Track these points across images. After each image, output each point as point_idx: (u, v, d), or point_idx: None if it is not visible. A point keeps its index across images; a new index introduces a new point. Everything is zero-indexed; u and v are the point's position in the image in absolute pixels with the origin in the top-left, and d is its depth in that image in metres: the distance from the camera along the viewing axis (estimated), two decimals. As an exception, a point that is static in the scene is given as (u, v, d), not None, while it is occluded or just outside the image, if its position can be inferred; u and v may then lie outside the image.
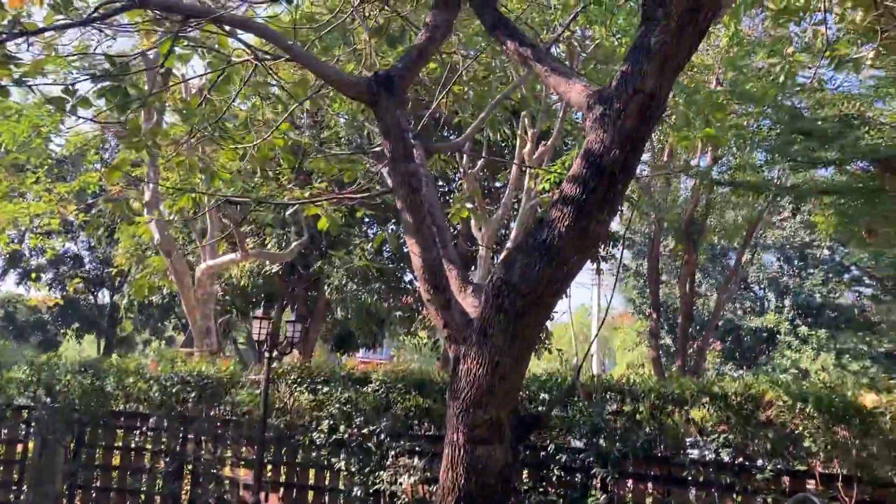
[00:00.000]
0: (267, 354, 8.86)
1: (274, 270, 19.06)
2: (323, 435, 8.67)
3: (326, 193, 8.85)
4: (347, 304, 18.97)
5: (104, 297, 32.41)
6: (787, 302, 37.46)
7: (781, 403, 6.55)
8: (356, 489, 8.47)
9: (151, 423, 9.91)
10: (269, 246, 19.17)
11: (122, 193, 15.17)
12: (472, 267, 17.72)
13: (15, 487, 10.12)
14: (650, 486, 7.39)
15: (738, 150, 13.95)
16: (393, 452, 8.31)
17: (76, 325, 32.47)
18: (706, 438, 6.90)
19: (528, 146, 14.45)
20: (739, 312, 39.96)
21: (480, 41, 9.33)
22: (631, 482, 7.42)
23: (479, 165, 16.89)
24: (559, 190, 4.89)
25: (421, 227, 5.43)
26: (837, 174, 14.67)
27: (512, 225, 17.34)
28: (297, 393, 8.87)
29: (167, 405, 9.36)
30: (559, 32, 7.97)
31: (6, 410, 10.17)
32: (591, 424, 7.25)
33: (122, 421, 10.06)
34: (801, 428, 6.47)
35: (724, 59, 14.25)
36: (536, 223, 5.14)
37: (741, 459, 6.84)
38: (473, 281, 6.13)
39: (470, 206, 15.67)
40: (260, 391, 8.89)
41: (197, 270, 14.74)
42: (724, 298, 24.27)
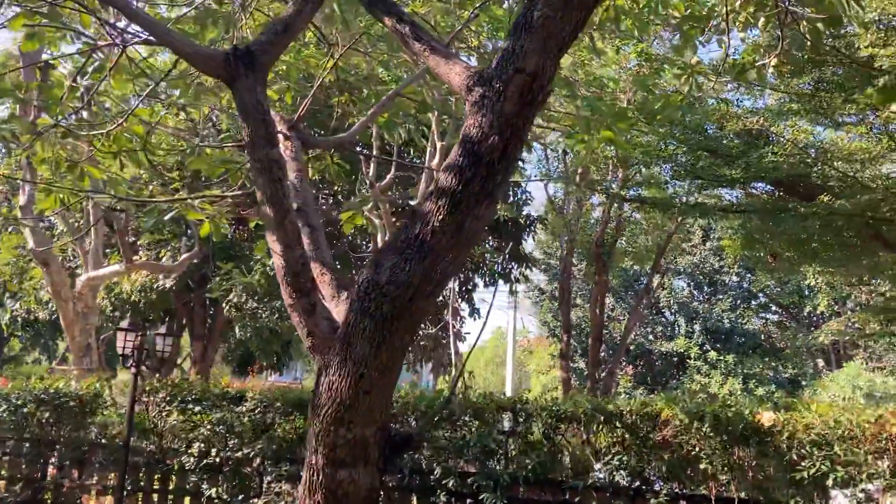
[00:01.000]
0: (133, 370, 8.02)
1: (168, 286, 17.97)
2: (193, 459, 7.87)
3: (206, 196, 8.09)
4: (246, 322, 18.04)
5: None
6: (696, 327, 38.08)
7: (678, 423, 6.19)
8: (229, 518, 7.71)
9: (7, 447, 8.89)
10: (164, 259, 18.11)
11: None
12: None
13: None
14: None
15: (644, 167, 13.88)
16: (269, 479, 7.60)
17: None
18: (602, 460, 6.46)
19: (436, 158, 13.99)
20: (651, 337, 40.48)
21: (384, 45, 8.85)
22: (523, 508, 6.92)
23: (388, 178, 16.36)
24: (434, 181, 4.38)
25: (283, 221, 4.83)
26: (745, 197, 14.75)
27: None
28: (165, 413, 8.06)
29: (19, 427, 8.38)
30: (457, 30, 7.52)
31: None
32: (481, 446, 6.73)
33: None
34: (696, 449, 6.10)
35: (633, 78, 14.15)
36: (409, 216, 4.65)
37: (638, 483, 6.42)
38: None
39: (377, 221, 15.13)
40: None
41: (77, 282, 13.66)
42: (633, 322, 24.29)
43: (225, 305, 18.51)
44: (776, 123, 11.13)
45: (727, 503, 6.05)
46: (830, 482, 5.34)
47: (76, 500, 8.79)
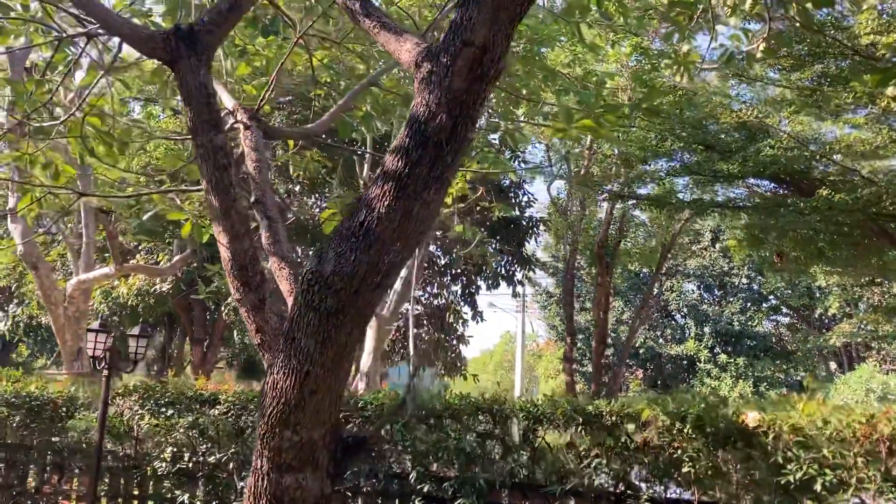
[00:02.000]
0: (105, 373, 7.77)
1: (164, 289, 17.77)
2: (166, 464, 7.60)
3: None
4: (244, 326, 17.79)
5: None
6: (706, 330, 37.61)
7: (660, 424, 5.86)
8: (204, 526, 7.44)
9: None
10: (162, 262, 17.91)
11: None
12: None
13: None
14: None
15: (642, 164, 13.55)
16: (243, 484, 7.31)
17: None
18: (583, 463, 6.14)
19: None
20: (661, 340, 40.03)
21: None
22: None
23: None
24: (381, 164, 4.10)
25: (229, 211, 4.57)
26: (749, 194, 14.39)
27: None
28: (137, 417, 7.81)
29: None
30: (434, 19, 7.25)
31: None
32: (456, 449, 6.42)
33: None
34: (679, 451, 5.77)
35: (631, 74, 13.85)
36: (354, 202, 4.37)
37: (621, 487, 6.09)
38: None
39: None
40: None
41: (68, 286, 13.46)
42: (637, 323, 23.91)
43: (224, 309, 18.31)
44: (771, 115, 10.77)
45: (712, 508, 5.73)
46: (819, 487, 5.00)
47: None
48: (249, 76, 8.32)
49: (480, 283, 24.11)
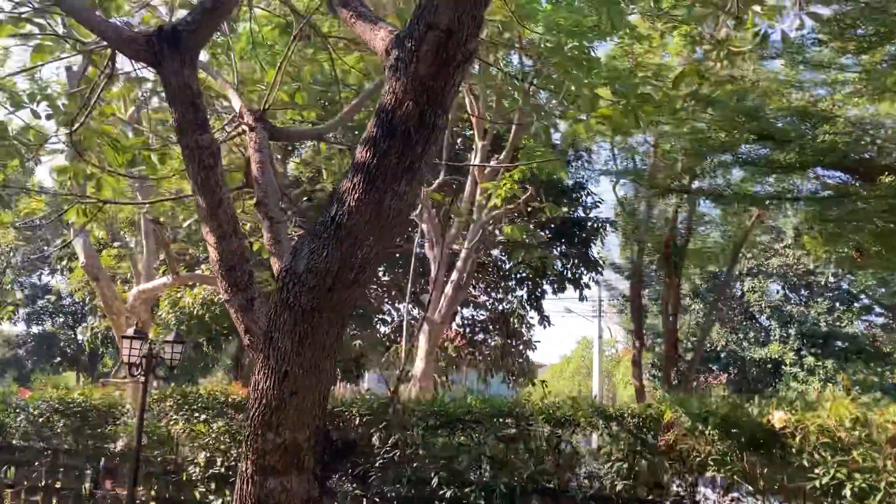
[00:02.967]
0: (142, 379, 7.90)
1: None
2: (199, 469, 7.66)
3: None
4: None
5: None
6: (791, 331, 36.01)
7: (683, 426, 5.52)
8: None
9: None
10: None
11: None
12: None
13: None
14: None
15: (700, 157, 12.96)
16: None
17: (57, 360, 31.65)
18: (603, 467, 5.85)
19: (476, 158, 13.57)
20: (745, 343, 38.54)
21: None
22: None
23: (438, 182, 16.03)
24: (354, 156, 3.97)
25: (216, 211, 4.53)
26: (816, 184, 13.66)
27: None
28: (171, 422, 7.90)
29: (41, 436, 8.39)
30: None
31: None
32: (475, 453, 6.23)
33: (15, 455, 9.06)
34: (703, 454, 5.42)
35: (686, 66, 13.35)
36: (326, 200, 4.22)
37: (645, 493, 5.77)
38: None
39: (425, 227, 14.80)
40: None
41: (129, 296, 13.85)
42: (707, 325, 23.06)
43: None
44: (826, 100, 10.13)
45: (740, 517, 5.35)
46: (847, 492, 4.59)
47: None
48: (281, 82, 8.35)
49: (546, 287, 23.73)
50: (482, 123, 13.37)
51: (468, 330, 24.86)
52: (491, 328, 24.02)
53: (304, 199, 18.77)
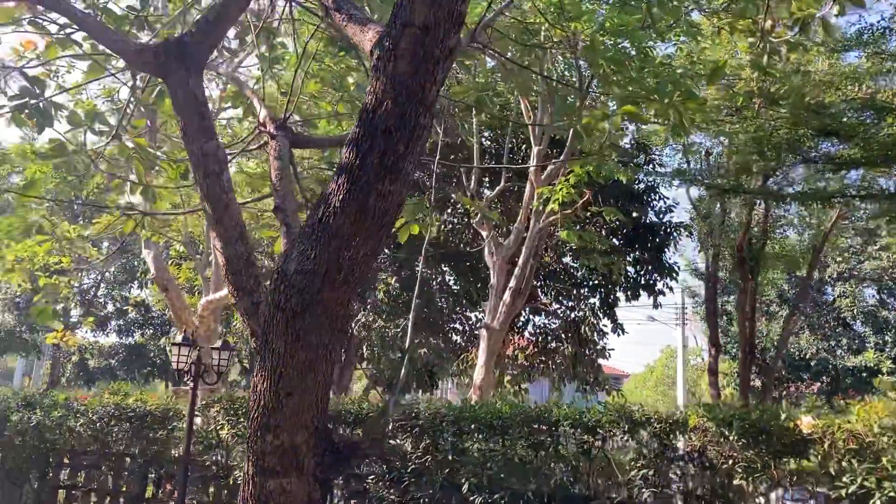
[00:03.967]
0: (191, 384, 8.13)
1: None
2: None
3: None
4: (374, 342, 18.18)
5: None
6: (888, 338, 34.19)
7: (708, 431, 5.27)
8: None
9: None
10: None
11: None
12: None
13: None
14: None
15: (764, 154, 12.42)
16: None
17: (146, 370, 32.93)
18: (628, 476, 5.64)
19: (532, 163, 13.43)
20: (839, 351, 36.79)
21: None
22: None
23: (498, 189, 15.97)
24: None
25: (222, 217, 4.62)
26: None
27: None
28: (219, 428, 8.08)
29: (99, 440, 8.72)
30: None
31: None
32: (503, 460, 6.12)
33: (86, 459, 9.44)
34: (730, 462, 5.16)
35: (750, 61, 12.93)
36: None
37: (667, 501, 5.53)
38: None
39: (485, 233, 14.76)
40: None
41: (198, 305, 14.30)
42: (788, 331, 22.06)
43: (354, 325, 18.78)
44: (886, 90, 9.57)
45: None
46: (877, 502, 4.26)
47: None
48: (319, 92, 8.48)
49: (619, 294, 23.26)
50: (537, 127, 13.25)
51: (541, 339, 24.58)
52: (563, 337, 23.68)
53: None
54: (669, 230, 22.42)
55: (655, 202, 22.13)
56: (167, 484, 9.44)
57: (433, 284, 22.22)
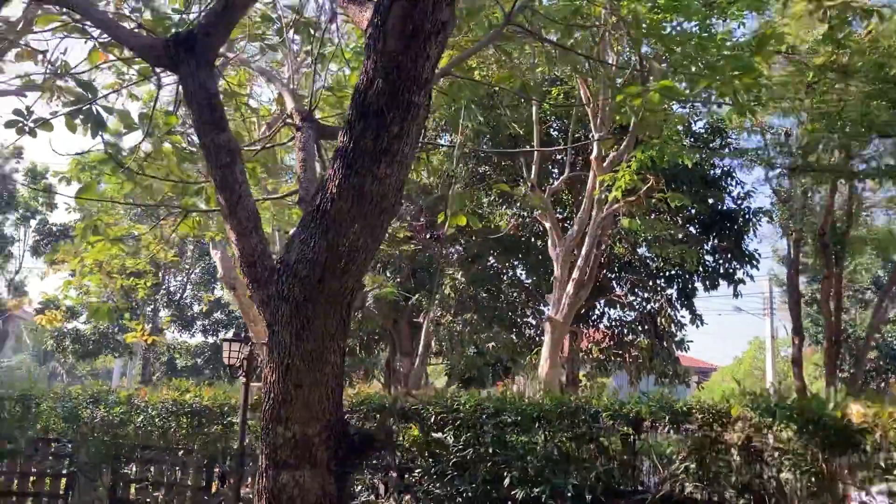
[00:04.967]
0: (244, 380, 8.22)
1: (367, 304, 18.62)
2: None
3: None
4: (442, 336, 18.14)
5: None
6: None
7: (750, 422, 4.93)
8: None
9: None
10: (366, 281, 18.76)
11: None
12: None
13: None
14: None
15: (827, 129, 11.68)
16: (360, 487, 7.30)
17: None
18: (668, 469, 5.35)
19: (594, 151, 13.09)
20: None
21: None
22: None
23: (562, 178, 15.68)
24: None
25: (235, 208, 4.58)
26: None
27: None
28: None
29: (160, 435, 8.93)
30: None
31: (39, 443, 10.13)
32: (544, 453, 5.91)
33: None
34: (777, 454, 4.81)
35: (823, 35, 12.27)
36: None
37: (712, 494, 5.21)
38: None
39: (548, 224, 14.49)
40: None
41: (265, 303, 14.50)
42: (878, 319, 20.80)
43: (423, 320, 18.80)
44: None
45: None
46: (931, 499, 3.88)
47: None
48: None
49: (697, 284, 22.52)
50: (598, 114, 12.89)
51: (616, 332, 24.04)
52: (639, 329, 23.08)
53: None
54: (748, 216, 21.57)
55: (733, 187, 21.33)
56: (230, 478, 9.59)
57: (504, 278, 22.00)
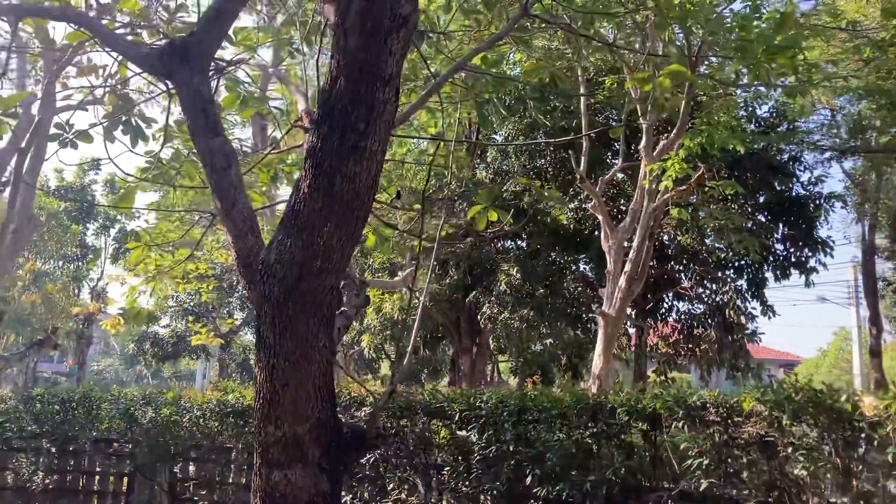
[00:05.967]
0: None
1: (426, 302, 18.71)
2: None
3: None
4: (499, 333, 18.07)
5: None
6: None
7: (764, 416, 4.70)
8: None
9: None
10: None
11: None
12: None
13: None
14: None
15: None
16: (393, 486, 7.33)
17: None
18: (685, 463, 5.15)
19: (643, 141, 12.79)
20: None
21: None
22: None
23: (614, 170, 15.40)
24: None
25: (230, 211, 4.64)
26: None
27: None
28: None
29: (206, 434, 9.15)
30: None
31: (100, 444, 10.54)
32: (562, 449, 5.79)
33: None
34: (790, 449, 4.57)
35: (882, 9, 11.72)
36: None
37: (730, 490, 4.99)
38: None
39: (601, 217, 14.25)
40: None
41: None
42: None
43: (480, 318, 18.76)
44: None
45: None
46: (943, 498, 3.60)
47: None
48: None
49: (768, 274, 21.78)
50: (644, 103, 12.60)
51: (686, 324, 23.44)
52: (707, 321, 22.44)
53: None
54: (820, 202, 20.75)
55: (801, 173, 20.55)
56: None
57: (566, 273, 21.72)
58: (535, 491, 6.04)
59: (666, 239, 22.31)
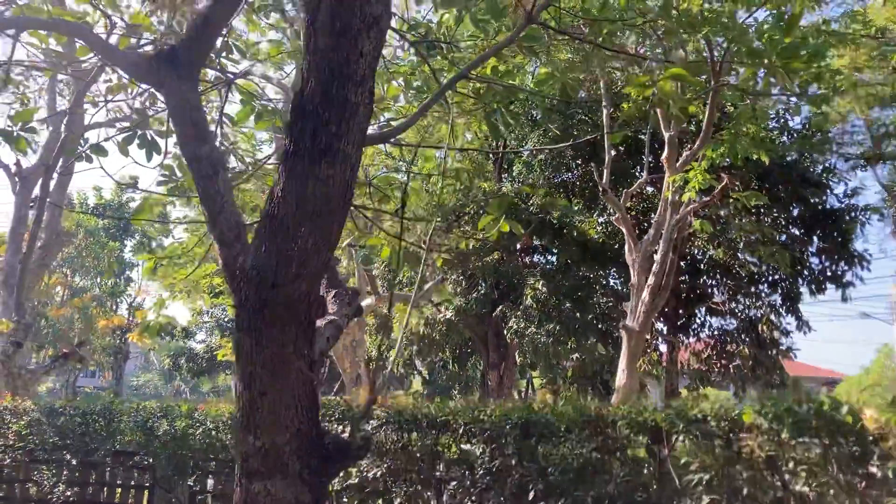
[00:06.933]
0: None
1: (449, 316, 18.58)
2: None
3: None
4: (525, 347, 17.87)
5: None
6: None
7: (763, 429, 4.48)
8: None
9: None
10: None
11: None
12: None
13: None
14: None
15: None
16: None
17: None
18: (689, 480, 4.95)
19: (665, 151, 12.58)
20: None
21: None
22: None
23: (639, 183, 15.21)
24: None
25: (217, 219, 4.60)
26: None
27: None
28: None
29: (217, 447, 9.13)
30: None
31: (120, 457, 10.60)
32: (564, 464, 5.61)
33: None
34: (791, 464, 4.35)
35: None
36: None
37: None
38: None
39: (624, 228, 14.05)
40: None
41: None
42: None
43: (506, 332, 18.59)
44: None
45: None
46: (947, 516, 3.37)
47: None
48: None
49: (802, 288, 21.29)
50: (667, 112, 12.40)
51: (719, 340, 22.97)
52: (741, 338, 21.96)
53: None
54: (855, 214, 20.26)
55: (835, 184, 20.10)
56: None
57: (595, 287, 21.43)
58: (537, 507, 5.90)
59: (697, 253, 21.96)
